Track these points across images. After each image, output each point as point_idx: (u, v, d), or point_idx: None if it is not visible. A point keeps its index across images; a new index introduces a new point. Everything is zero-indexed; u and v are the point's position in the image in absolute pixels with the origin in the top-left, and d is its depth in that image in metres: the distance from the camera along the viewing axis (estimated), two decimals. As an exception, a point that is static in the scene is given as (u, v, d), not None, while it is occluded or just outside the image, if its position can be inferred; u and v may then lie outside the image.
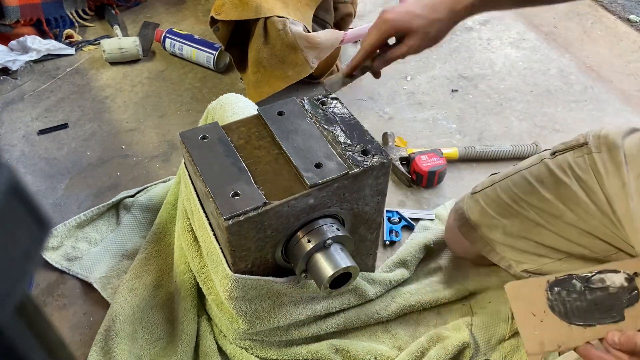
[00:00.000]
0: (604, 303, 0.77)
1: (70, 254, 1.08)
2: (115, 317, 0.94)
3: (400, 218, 1.17)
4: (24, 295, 0.24)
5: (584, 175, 0.85)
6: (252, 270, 0.82)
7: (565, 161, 0.87)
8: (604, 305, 0.77)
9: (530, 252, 0.91)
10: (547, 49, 1.66)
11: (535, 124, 1.42)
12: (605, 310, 0.76)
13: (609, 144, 0.84)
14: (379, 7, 1.83)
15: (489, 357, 0.95)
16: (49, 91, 1.51)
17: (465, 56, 1.62)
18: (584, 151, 0.86)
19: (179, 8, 1.83)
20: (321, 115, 0.88)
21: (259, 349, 0.93)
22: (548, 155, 0.91)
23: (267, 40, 1.30)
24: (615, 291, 0.78)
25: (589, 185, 0.84)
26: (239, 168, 0.80)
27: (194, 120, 1.41)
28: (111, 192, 1.22)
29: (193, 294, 0.98)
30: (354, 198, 0.84)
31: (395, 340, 0.98)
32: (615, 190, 0.81)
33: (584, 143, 0.87)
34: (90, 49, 1.65)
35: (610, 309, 0.76)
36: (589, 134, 0.88)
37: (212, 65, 1.54)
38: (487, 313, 1.00)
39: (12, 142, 1.36)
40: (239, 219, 0.73)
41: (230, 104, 1.04)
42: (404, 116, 1.44)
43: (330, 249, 0.80)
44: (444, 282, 1.05)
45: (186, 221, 0.96)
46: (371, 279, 1.01)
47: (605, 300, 0.77)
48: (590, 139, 0.86)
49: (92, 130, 1.40)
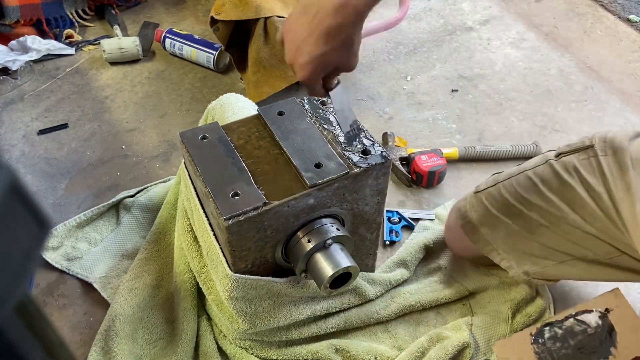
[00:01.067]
0: (587, 346, 0.78)
1: (70, 254, 1.08)
2: (115, 317, 0.94)
3: (400, 218, 1.17)
4: (24, 295, 0.24)
5: (589, 177, 0.84)
6: (252, 270, 0.82)
7: (571, 163, 0.87)
8: (587, 347, 0.78)
9: (533, 253, 0.91)
10: (547, 49, 1.66)
11: (535, 124, 1.42)
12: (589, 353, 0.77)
13: (616, 147, 0.83)
14: (378, 7, 1.83)
15: (489, 357, 0.95)
16: (49, 91, 1.51)
17: (465, 56, 1.62)
18: (590, 154, 0.85)
19: (179, 8, 1.83)
20: (321, 115, 0.88)
21: (259, 349, 0.93)
22: (553, 156, 0.90)
23: (267, 40, 1.30)
24: (594, 331, 0.78)
25: (594, 188, 0.83)
26: (239, 168, 0.80)
27: (194, 120, 1.41)
28: (111, 192, 1.22)
29: (193, 294, 0.98)
30: (354, 198, 0.84)
31: (395, 340, 0.98)
32: (621, 194, 0.80)
33: (590, 145, 0.86)
34: (90, 49, 1.65)
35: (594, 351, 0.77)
36: (594, 137, 0.87)
37: (212, 65, 1.54)
38: (487, 313, 1.00)
39: (12, 142, 1.36)
40: (239, 219, 0.73)
41: (230, 104, 1.04)
42: (404, 116, 1.44)
43: (330, 249, 0.80)
44: (444, 282, 1.05)
45: (186, 221, 0.97)
46: (371, 279, 1.01)
47: (587, 343, 0.78)
48: (597, 142, 0.86)
49: (92, 130, 1.40)
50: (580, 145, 0.87)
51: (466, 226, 0.97)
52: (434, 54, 1.63)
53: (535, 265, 0.91)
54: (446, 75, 1.56)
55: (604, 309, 0.80)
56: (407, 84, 1.53)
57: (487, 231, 0.94)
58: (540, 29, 1.74)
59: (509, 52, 1.65)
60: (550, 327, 0.81)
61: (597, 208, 0.83)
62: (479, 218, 0.95)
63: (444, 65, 1.58)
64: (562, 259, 0.88)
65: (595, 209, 0.83)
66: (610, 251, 0.84)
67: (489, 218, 0.94)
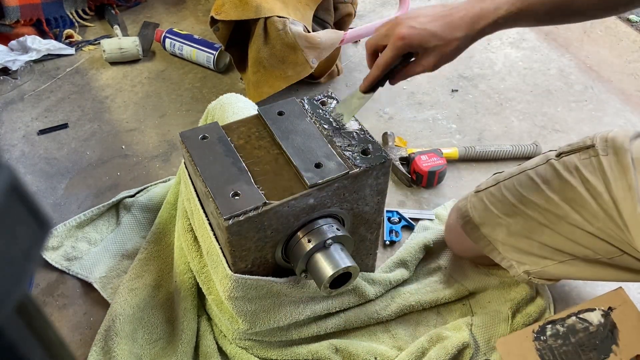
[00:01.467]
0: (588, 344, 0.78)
1: (70, 254, 1.08)
2: (115, 317, 0.94)
3: (400, 218, 1.17)
4: (24, 295, 0.24)
5: (590, 177, 0.84)
6: (252, 270, 0.82)
7: (572, 163, 0.87)
8: (588, 345, 0.78)
9: (533, 253, 0.91)
10: (547, 49, 1.66)
11: (535, 124, 1.42)
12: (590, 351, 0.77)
13: (617, 147, 0.83)
14: (378, 7, 1.83)
15: (489, 357, 0.95)
16: (49, 91, 1.51)
17: (465, 56, 1.61)
18: (591, 153, 0.86)
19: (179, 8, 1.83)
20: (321, 115, 0.88)
21: (259, 349, 0.93)
22: (554, 156, 0.90)
23: (267, 40, 1.30)
24: (595, 329, 0.78)
25: (595, 187, 0.84)
26: (239, 168, 0.80)
27: (194, 120, 1.41)
28: (111, 192, 1.22)
29: (193, 294, 0.98)
30: (354, 198, 0.84)
31: (395, 340, 0.98)
32: (622, 194, 0.81)
33: (591, 145, 0.86)
34: (90, 49, 1.65)
35: (595, 348, 0.77)
36: (595, 137, 0.87)
37: (212, 65, 1.54)
38: (487, 313, 1.00)
39: (12, 142, 1.36)
40: (239, 219, 0.73)
41: (230, 104, 1.04)
42: (404, 116, 1.44)
43: (330, 249, 0.80)
44: (444, 282, 1.05)
45: (186, 221, 0.96)
46: (371, 279, 1.01)
47: (588, 341, 0.78)
48: (598, 142, 0.86)
49: (92, 130, 1.40)
50: (581, 145, 0.88)
51: (467, 226, 0.97)
52: (434, 54, 1.62)
53: (536, 265, 0.91)
54: (446, 75, 1.56)
55: (607, 307, 0.80)
56: (407, 83, 1.53)
57: (488, 231, 0.94)
58: (540, 28, 1.74)
59: (509, 52, 1.65)
60: (552, 325, 0.81)
61: (598, 207, 0.83)
62: (479, 218, 0.95)
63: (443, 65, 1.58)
64: (562, 258, 0.88)
65: (596, 209, 0.83)
66: (611, 251, 0.84)
67: (489, 217, 0.94)
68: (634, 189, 0.79)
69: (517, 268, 0.93)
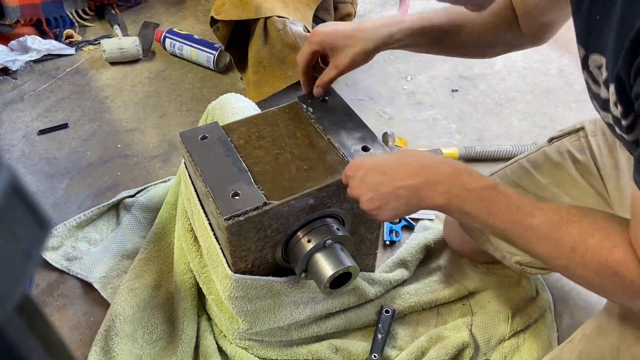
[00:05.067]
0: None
1: (70, 254, 1.08)
2: (115, 317, 0.94)
3: (400, 218, 1.17)
4: (24, 295, 0.24)
5: (580, 156, 0.90)
6: (252, 270, 0.82)
7: (563, 146, 0.92)
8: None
9: None
10: (547, 49, 1.66)
11: (535, 124, 1.42)
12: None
13: (604, 128, 0.89)
14: (378, 7, 1.83)
15: (489, 357, 0.95)
16: (49, 91, 1.51)
17: (465, 56, 1.62)
18: (581, 135, 0.92)
19: (179, 8, 1.83)
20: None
21: (259, 349, 0.93)
22: (545, 143, 0.95)
23: (267, 40, 1.30)
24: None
25: (585, 165, 0.89)
26: (239, 168, 0.80)
27: (194, 120, 1.41)
28: (111, 192, 1.22)
29: (193, 294, 0.98)
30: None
31: (395, 340, 0.98)
32: (608, 170, 0.86)
33: (581, 128, 0.93)
34: (90, 49, 1.65)
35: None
36: (584, 121, 0.93)
37: (212, 65, 1.54)
38: (487, 313, 1.00)
39: (12, 142, 1.36)
40: (239, 219, 0.73)
41: (230, 104, 1.04)
42: (404, 116, 1.44)
43: (330, 249, 0.80)
44: (444, 282, 1.05)
45: (186, 221, 0.97)
46: (371, 279, 1.01)
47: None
48: (587, 125, 0.92)
49: (92, 130, 1.40)
50: (571, 129, 0.94)
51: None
52: (434, 54, 1.63)
53: (526, 256, 0.91)
54: (446, 75, 1.56)
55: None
56: (407, 84, 1.53)
57: None
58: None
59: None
60: None
61: (587, 185, 0.88)
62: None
63: (444, 65, 1.58)
64: None
65: (586, 187, 0.88)
66: None
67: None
68: (619, 163, 0.85)
69: (509, 259, 0.93)
